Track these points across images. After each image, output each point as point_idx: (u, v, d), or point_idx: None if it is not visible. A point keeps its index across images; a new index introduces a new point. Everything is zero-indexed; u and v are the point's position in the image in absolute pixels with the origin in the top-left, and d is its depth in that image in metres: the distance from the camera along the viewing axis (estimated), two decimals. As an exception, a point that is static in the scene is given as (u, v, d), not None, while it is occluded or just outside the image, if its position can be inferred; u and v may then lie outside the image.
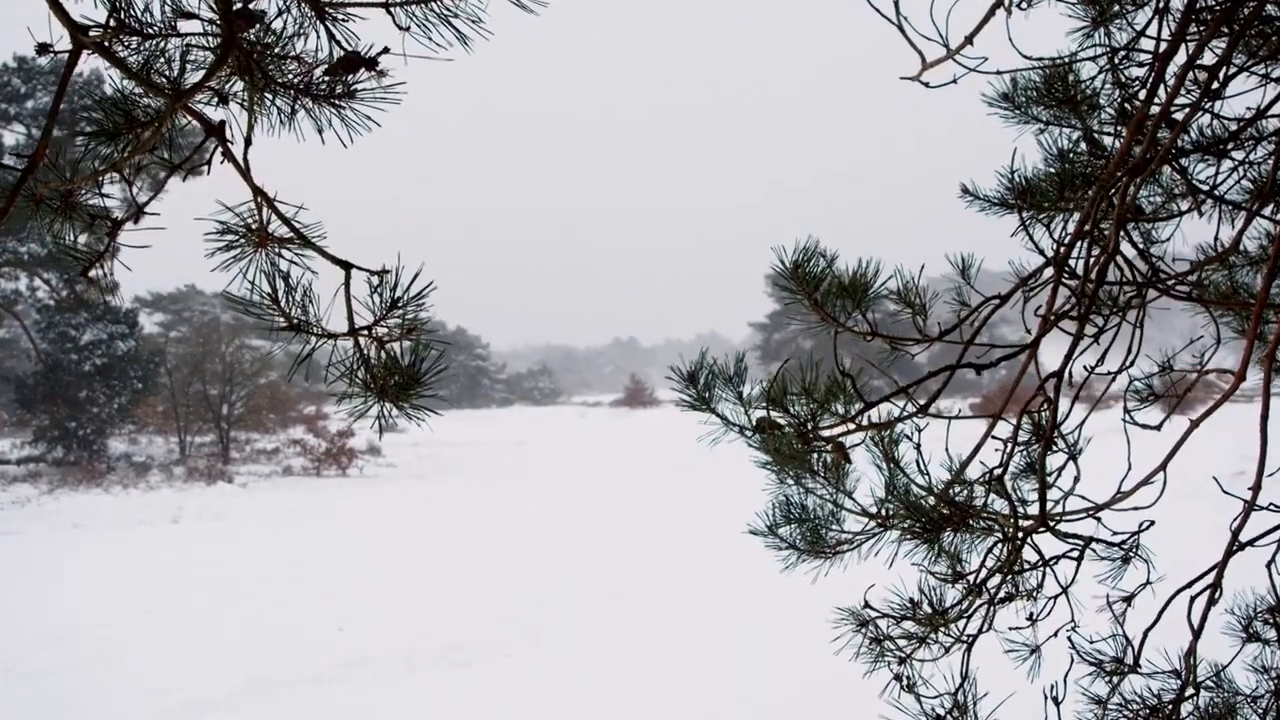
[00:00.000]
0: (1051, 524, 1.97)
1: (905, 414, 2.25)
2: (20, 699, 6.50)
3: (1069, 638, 2.12)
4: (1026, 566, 2.08)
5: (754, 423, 2.23)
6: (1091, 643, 2.12)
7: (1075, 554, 2.05)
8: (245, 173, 1.35)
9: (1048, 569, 2.08)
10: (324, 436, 25.06)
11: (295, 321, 1.41)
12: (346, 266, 1.39)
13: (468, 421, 50.69)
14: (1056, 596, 2.11)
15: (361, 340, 1.41)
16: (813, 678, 6.41)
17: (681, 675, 6.76)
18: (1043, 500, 2.00)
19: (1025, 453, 2.45)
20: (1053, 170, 2.43)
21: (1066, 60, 2.39)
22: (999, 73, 2.36)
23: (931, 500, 1.98)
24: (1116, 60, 2.35)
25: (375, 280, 1.39)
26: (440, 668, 7.05)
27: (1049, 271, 2.33)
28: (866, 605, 2.29)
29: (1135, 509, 2.18)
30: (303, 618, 8.50)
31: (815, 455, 2.24)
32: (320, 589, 9.64)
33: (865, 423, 2.22)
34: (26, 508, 16.60)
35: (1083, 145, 2.52)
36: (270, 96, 1.35)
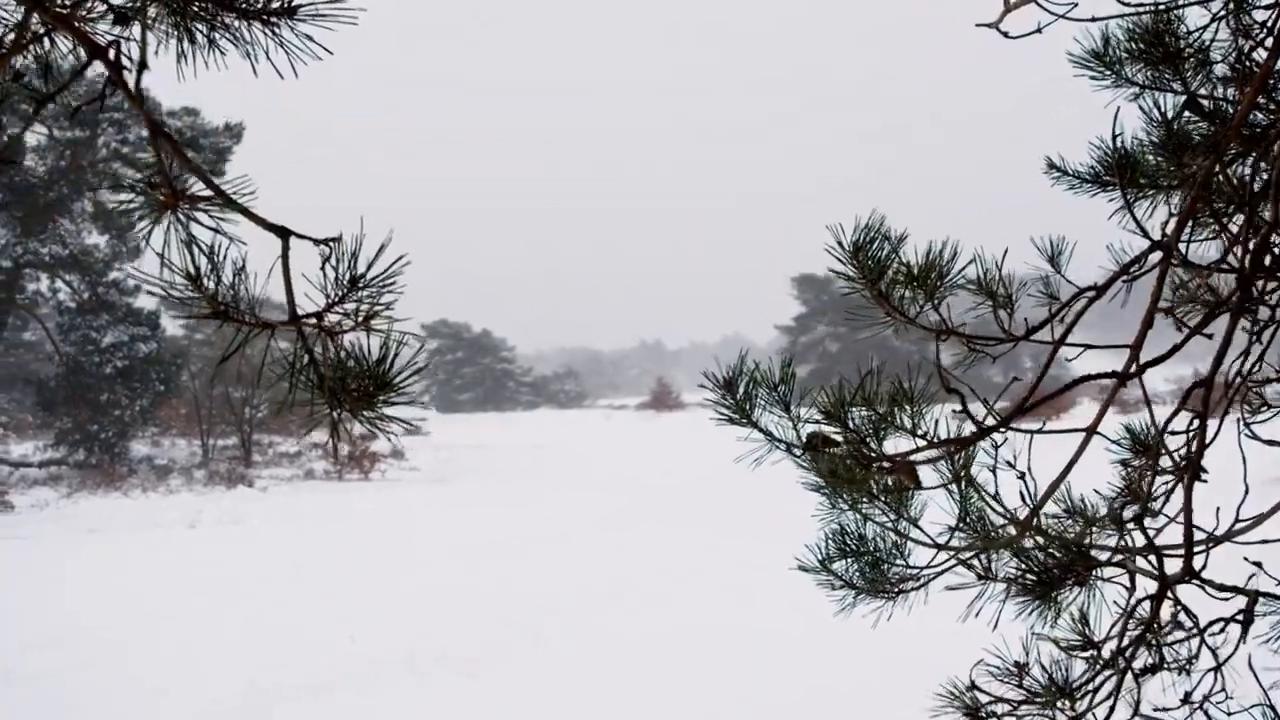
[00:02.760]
0: (1199, 572, 1.58)
1: (986, 428, 1.88)
2: (20, 701, 6.27)
3: (1204, 709, 1.73)
4: (1185, 634, 1.68)
5: (804, 439, 1.87)
6: (1231, 715, 1.73)
7: (1240, 615, 1.65)
8: (140, 105, 1.01)
9: (1202, 633, 1.68)
10: (346, 439, 24.84)
11: (222, 306, 1.07)
12: (284, 234, 1.05)
13: (492, 424, 50.47)
14: (1216, 668, 1.70)
15: (307, 330, 1.07)
16: (817, 682, 6.25)
17: (685, 678, 6.52)
18: (1189, 544, 1.61)
19: (1126, 474, 2.09)
20: (1154, 140, 2.06)
21: (1171, 5, 2.01)
22: (1093, 19, 1.99)
23: (1037, 542, 1.58)
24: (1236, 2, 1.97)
25: (325, 251, 1.05)
26: (444, 672, 6.79)
27: (1154, 257, 1.97)
28: (973, 687, 1.89)
29: (1264, 542, 1.80)
30: (309, 622, 8.25)
31: (877, 477, 1.88)
32: (328, 593, 9.37)
33: (938, 439, 1.86)
34: (45, 511, 16.42)
35: (1186, 112, 2.15)
36: (174, 10, 1.00)
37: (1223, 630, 1.68)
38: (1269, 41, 1.98)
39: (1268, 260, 1.68)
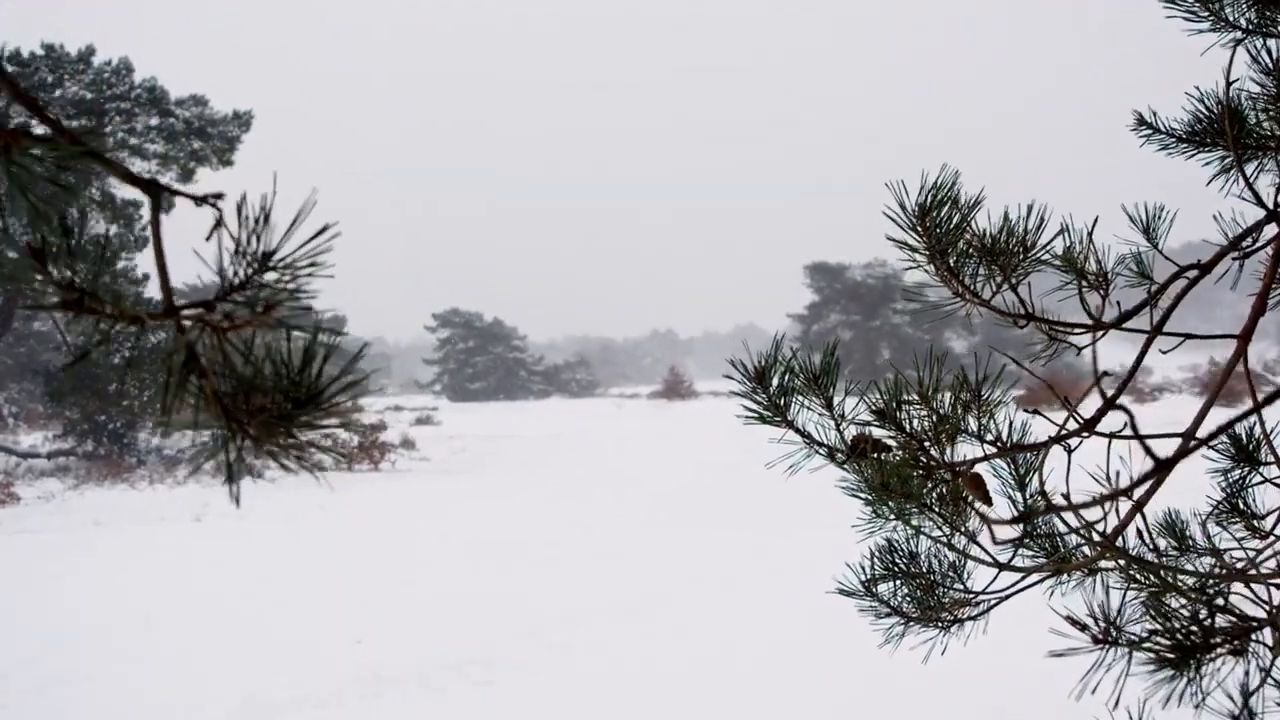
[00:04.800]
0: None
1: (1064, 433, 1.57)
2: (14, 714, 6.02)
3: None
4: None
5: (849, 442, 1.57)
6: None
7: None
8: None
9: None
10: (356, 430, 24.66)
11: (78, 293, 0.78)
12: (153, 189, 0.75)
13: (505, 413, 50.27)
14: None
15: (187, 324, 0.77)
16: (850, 695, 5.93)
17: (717, 698, 6.12)
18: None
19: (1227, 485, 1.78)
20: (1262, 91, 1.74)
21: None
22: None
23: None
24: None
25: (217, 214, 0.75)
26: (460, 685, 6.42)
27: (1269, 230, 1.65)
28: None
29: None
30: (313, 628, 7.92)
31: (935, 488, 1.58)
32: (335, 596, 9.06)
33: (1009, 443, 1.55)
34: (51, 503, 16.24)
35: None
36: None
37: None
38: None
39: None
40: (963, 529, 1.90)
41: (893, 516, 1.85)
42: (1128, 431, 1.75)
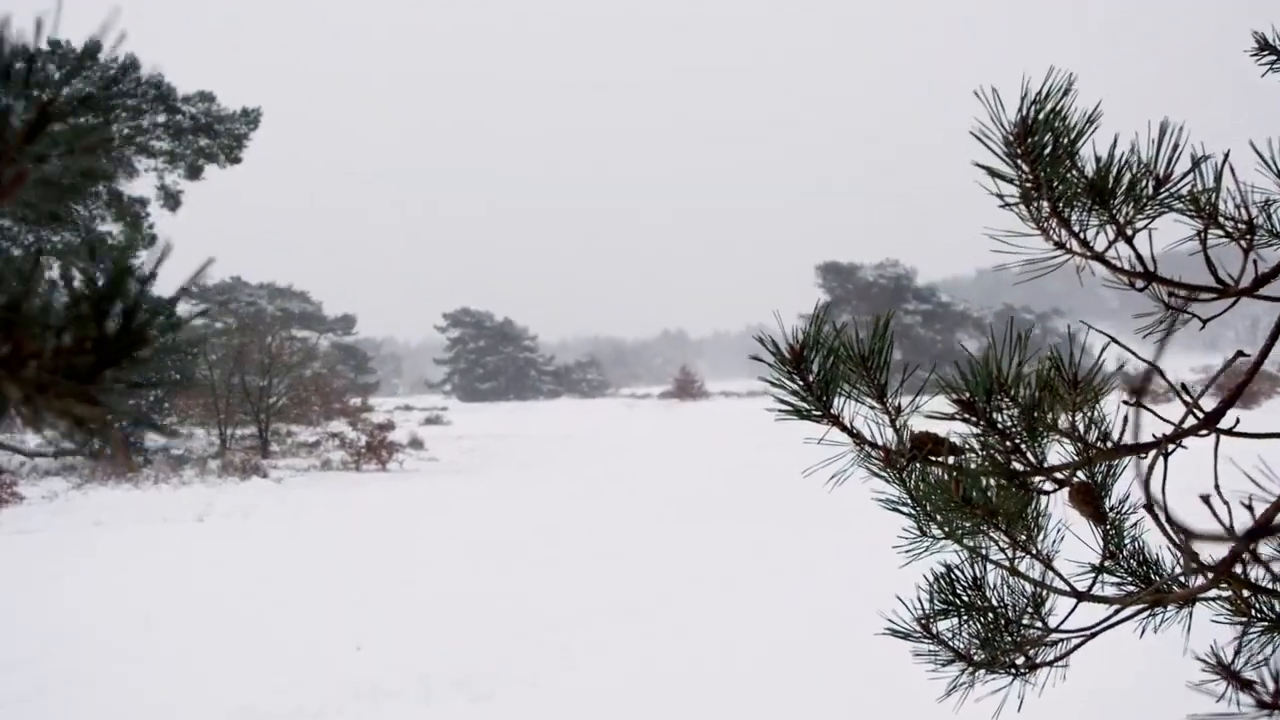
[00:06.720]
0: None
1: (1183, 429, 1.24)
2: (13, 715, 5.83)
3: None
4: None
5: (908, 441, 1.23)
6: None
7: None
8: None
9: None
10: (364, 429, 24.42)
11: None
12: None
13: (515, 413, 50.01)
14: None
15: None
16: (850, 695, 5.72)
17: (722, 696, 5.86)
18: None
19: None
20: None
21: None
22: None
23: None
24: None
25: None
26: (460, 699, 6.11)
27: None
28: None
29: None
30: (312, 629, 7.66)
31: (1035, 501, 1.24)
32: (335, 596, 8.78)
33: (1113, 444, 1.21)
34: (54, 503, 16.01)
35: None
36: None
37: None
38: None
39: None
40: (1034, 550, 1.56)
41: (943, 535, 1.51)
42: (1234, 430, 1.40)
